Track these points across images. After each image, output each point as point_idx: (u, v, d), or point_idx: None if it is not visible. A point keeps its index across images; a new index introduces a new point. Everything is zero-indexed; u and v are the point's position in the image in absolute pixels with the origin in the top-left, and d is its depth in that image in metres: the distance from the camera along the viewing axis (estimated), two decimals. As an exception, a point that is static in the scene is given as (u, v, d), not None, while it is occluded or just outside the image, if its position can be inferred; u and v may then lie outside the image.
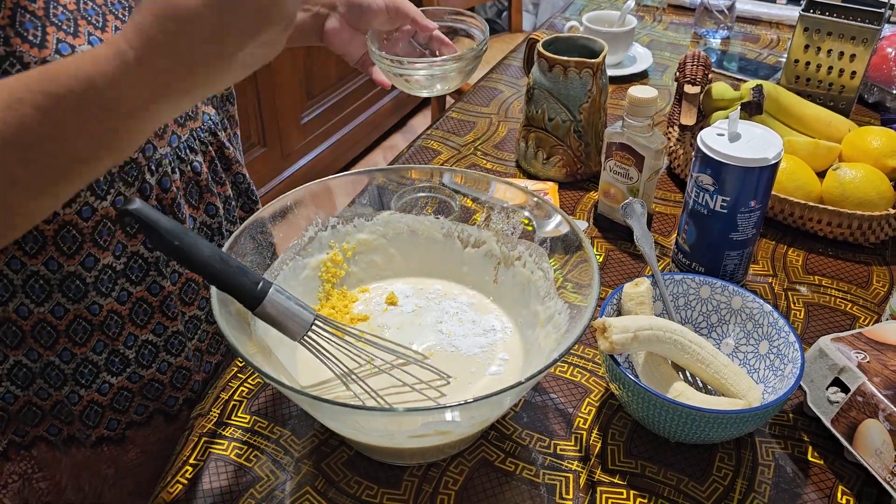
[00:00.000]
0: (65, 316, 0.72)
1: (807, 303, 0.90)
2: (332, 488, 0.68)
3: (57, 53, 0.60)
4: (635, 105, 0.90)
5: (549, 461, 0.71)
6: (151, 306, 0.76)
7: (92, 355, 0.74)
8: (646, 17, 1.72)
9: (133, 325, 0.76)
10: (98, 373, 0.75)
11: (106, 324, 0.74)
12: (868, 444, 0.66)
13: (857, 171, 0.98)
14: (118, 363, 0.76)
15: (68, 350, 0.73)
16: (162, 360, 0.79)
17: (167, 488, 0.68)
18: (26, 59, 0.59)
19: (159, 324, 0.78)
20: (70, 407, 0.76)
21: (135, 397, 0.79)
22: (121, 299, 0.74)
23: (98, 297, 0.72)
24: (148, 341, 0.77)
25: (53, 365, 0.74)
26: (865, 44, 1.17)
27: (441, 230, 0.82)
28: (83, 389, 0.75)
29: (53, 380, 0.74)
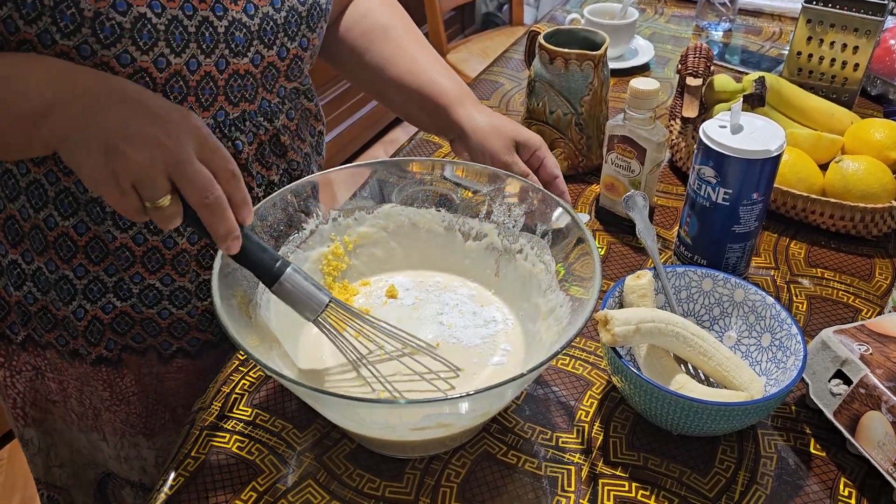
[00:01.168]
0: (86, 233, 0.76)
1: (809, 295, 0.90)
2: (333, 481, 0.68)
3: (112, 8, 0.63)
4: (637, 97, 0.90)
5: (552, 454, 0.71)
6: (164, 257, 0.79)
7: (103, 275, 0.79)
8: (647, 9, 1.71)
9: (142, 267, 0.79)
10: (105, 292, 0.80)
11: (117, 253, 0.78)
12: (870, 436, 0.66)
13: (859, 164, 0.98)
14: (125, 290, 0.80)
15: (83, 266, 0.78)
16: (164, 307, 0.83)
17: (169, 481, 0.68)
18: (82, 4, 0.62)
19: (167, 275, 0.81)
20: (76, 322, 0.82)
21: (134, 325, 0.83)
22: (136, 240, 0.77)
23: (114, 229, 0.76)
24: (153, 285, 0.81)
25: (67, 279, 0.79)
26: (868, 36, 1.17)
27: (442, 223, 0.82)
28: (89, 304, 0.81)
29: (65, 293, 0.80)
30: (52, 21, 0.62)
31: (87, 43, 0.64)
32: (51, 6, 0.62)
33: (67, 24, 0.63)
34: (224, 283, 0.64)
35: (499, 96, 1.34)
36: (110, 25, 0.64)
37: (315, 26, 0.80)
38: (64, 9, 0.62)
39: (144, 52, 0.66)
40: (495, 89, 1.36)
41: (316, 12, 0.79)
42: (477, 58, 2.47)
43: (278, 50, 0.77)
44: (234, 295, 0.66)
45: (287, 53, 0.78)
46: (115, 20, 0.64)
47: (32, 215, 0.76)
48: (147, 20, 0.65)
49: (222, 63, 0.72)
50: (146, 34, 0.66)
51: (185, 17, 0.68)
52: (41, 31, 0.63)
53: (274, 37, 0.75)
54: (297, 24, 0.77)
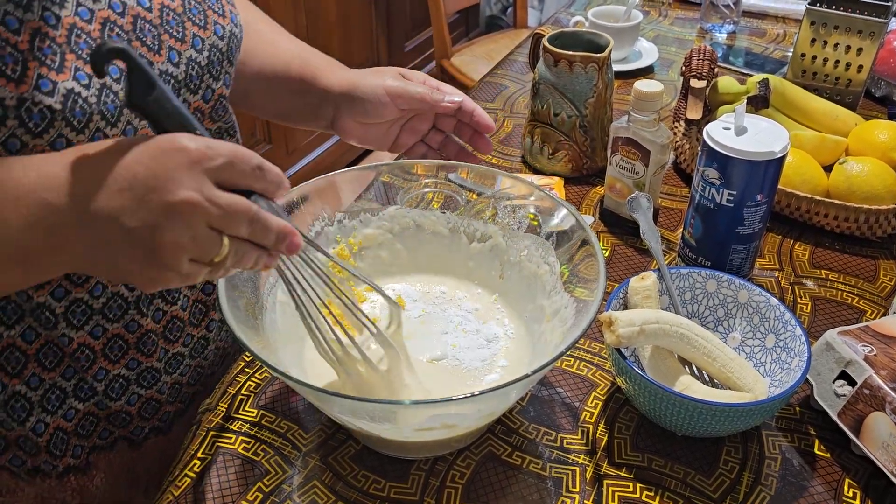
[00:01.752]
0: (36, 340, 0.68)
1: (813, 297, 0.90)
2: (339, 482, 0.68)
3: (36, 90, 0.56)
4: (641, 99, 0.90)
5: (556, 455, 0.71)
6: (127, 343, 0.73)
7: (61, 381, 0.71)
8: (651, 11, 1.72)
9: (105, 360, 0.72)
10: (65, 398, 0.72)
11: (75, 356, 0.70)
12: (875, 437, 0.66)
13: (863, 165, 0.98)
14: (86, 390, 0.73)
15: (37, 375, 0.69)
16: (132, 392, 0.76)
17: (175, 482, 0.69)
18: (1, 93, 0.55)
19: (133, 359, 0.74)
20: (35, 439, 0.72)
21: (100, 423, 0.76)
22: (94, 334, 0.70)
23: (68, 330, 0.69)
24: (119, 375, 0.74)
25: (20, 395, 0.69)
26: (872, 37, 1.17)
27: (447, 225, 0.82)
28: (49, 416, 0.71)
29: (18, 411, 0.70)
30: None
31: (14, 136, 0.56)
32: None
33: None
34: (230, 286, 0.64)
35: (503, 99, 1.34)
36: (38, 111, 0.56)
37: (234, 60, 0.76)
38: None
39: (80, 131, 0.59)
40: (499, 92, 1.37)
41: (234, 44, 0.75)
42: (481, 60, 2.48)
43: (203, 93, 0.72)
44: (241, 297, 0.66)
45: (212, 95, 0.73)
46: (42, 103, 0.56)
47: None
48: (77, 95, 0.58)
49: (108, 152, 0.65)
50: (79, 111, 0.58)
51: (112, 81, 0.61)
52: None
53: (199, 80, 0.71)
54: (219, 61, 0.73)
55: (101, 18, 0.61)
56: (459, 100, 0.78)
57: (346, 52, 2.74)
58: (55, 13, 0.58)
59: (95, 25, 0.61)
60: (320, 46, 0.92)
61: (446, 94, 0.78)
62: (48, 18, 0.57)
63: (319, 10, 2.52)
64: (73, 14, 0.59)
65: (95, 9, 0.61)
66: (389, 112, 0.79)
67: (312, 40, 2.50)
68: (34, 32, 0.56)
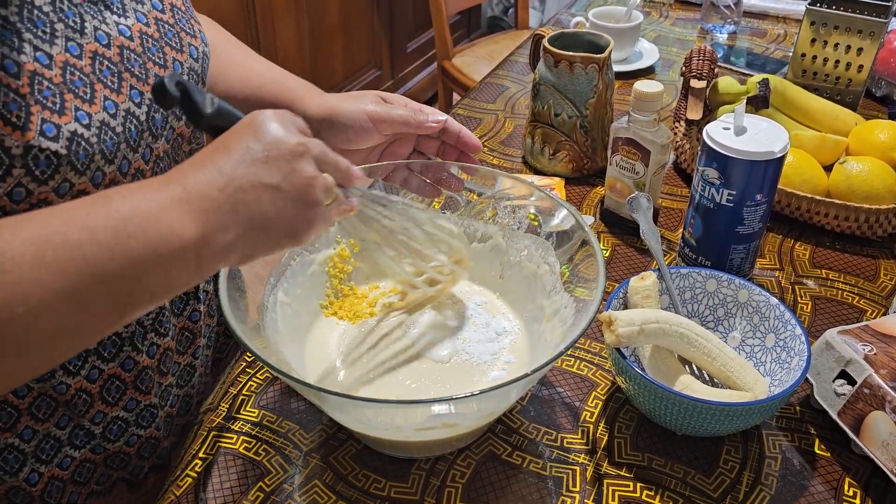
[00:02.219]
0: (27, 395, 0.66)
1: (814, 296, 0.90)
2: (340, 482, 0.69)
3: (42, 136, 0.55)
4: (641, 99, 0.90)
5: (556, 454, 0.71)
6: (125, 382, 0.72)
7: (55, 430, 0.69)
8: (652, 12, 1.72)
9: (102, 403, 0.71)
10: (60, 447, 0.70)
11: (73, 402, 0.69)
12: (875, 436, 0.66)
13: (864, 165, 0.98)
14: (83, 436, 0.71)
15: (30, 428, 0.67)
16: (131, 433, 0.75)
17: (177, 482, 0.69)
18: (7, 142, 0.53)
19: (132, 399, 0.73)
20: (29, 489, 0.69)
21: (97, 468, 0.74)
22: (90, 377, 0.69)
23: (65, 377, 0.67)
24: (118, 417, 0.73)
25: (12, 447, 0.67)
26: (872, 37, 1.17)
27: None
28: (43, 466, 0.69)
29: (11, 463, 0.68)
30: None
31: (20, 185, 0.55)
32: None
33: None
34: (232, 286, 0.65)
35: (504, 99, 1.34)
36: (45, 157, 0.55)
37: (206, 78, 0.76)
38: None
39: (82, 173, 0.58)
40: (501, 92, 1.37)
41: (206, 64, 0.75)
42: (483, 61, 2.48)
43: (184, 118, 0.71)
44: (242, 297, 0.66)
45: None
46: (48, 149, 0.55)
47: None
48: (80, 137, 0.57)
49: (147, 153, 0.66)
50: (82, 153, 0.58)
51: (109, 117, 0.60)
52: None
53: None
54: (196, 83, 0.72)
55: (90, 52, 0.60)
56: (444, 118, 0.77)
57: (347, 54, 2.74)
58: (46, 52, 0.56)
59: (86, 61, 0.59)
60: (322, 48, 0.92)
61: (430, 115, 0.76)
62: (41, 59, 0.55)
63: (321, 12, 2.53)
64: (63, 51, 0.57)
65: (83, 43, 0.59)
66: (372, 138, 0.77)
67: (315, 42, 2.51)
68: (32, 75, 0.55)
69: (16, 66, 0.54)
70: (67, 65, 0.57)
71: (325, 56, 2.59)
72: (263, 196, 0.53)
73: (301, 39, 2.45)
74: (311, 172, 0.55)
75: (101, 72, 0.60)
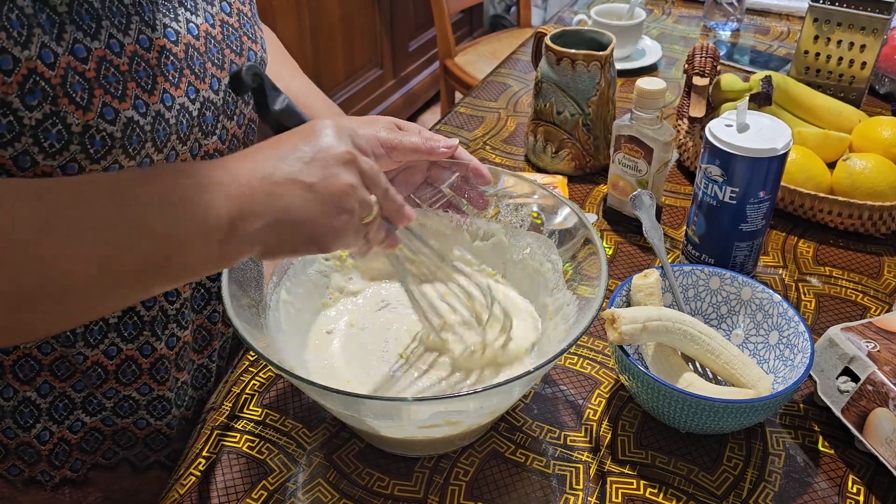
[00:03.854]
0: (51, 353, 0.69)
1: (817, 294, 0.90)
2: (343, 480, 0.69)
3: (100, 118, 0.58)
4: (643, 97, 0.90)
5: (560, 452, 0.71)
6: (140, 367, 0.73)
7: (71, 392, 0.72)
8: (655, 9, 1.72)
9: (116, 382, 0.73)
10: (73, 409, 0.73)
11: (88, 373, 0.71)
12: (878, 433, 0.66)
13: (867, 162, 0.98)
14: (95, 404, 0.73)
15: (48, 383, 0.70)
16: (140, 416, 0.76)
17: (180, 481, 0.69)
18: (69, 120, 0.56)
19: (145, 384, 0.75)
20: (38, 447, 0.72)
21: (105, 440, 0.76)
22: (109, 353, 0.71)
23: (84, 348, 0.70)
24: (129, 396, 0.74)
25: (29, 401, 0.70)
26: (875, 34, 1.17)
27: (450, 224, 0.83)
28: (55, 425, 0.72)
29: (26, 417, 0.71)
30: (33, 141, 0.56)
31: (74, 160, 0.58)
32: (32, 125, 0.55)
33: (53, 143, 0.57)
34: (234, 284, 0.65)
35: (506, 98, 1.34)
36: (101, 137, 0.58)
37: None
38: (49, 126, 0.56)
39: (132, 157, 0.61)
40: (503, 91, 1.37)
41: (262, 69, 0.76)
42: (485, 60, 2.48)
43: (238, 119, 0.74)
44: (244, 296, 0.67)
45: (244, 120, 0.75)
46: (105, 131, 0.58)
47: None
48: (135, 123, 0.60)
49: (196, 147, 0.68)
50: (135, 139, 0.61)
51: (164, 109, 0.63)
52: (19, 152, 0.56)
53: (235, 106, 0.73)
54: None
55: (158, 47, 0.63)
56: (454, 144, 0.77)
57: (349, 53, 2.74)
58: (119, 41, 0.59)
59: (153, 54, 0.62)
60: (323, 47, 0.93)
61: (441, 140, 0.77)
62: (113, 46, 0.58)
63: (322, 10, 2.53)
64: (134, 42, 0.60)
65: (153, 37, 0.62)
66: (383, 164, 0.76)
67: (316, 41, 2.51)
68: (100, 61, 0.57)
69: (86, 50, 0.57)
70: (136, 55, 0.60)
71: (326, 55, 2.59)
72: (296, 192, 0.54)
73: (302, 38, 2.45)
74: (350, 181, 0.55)
75: (165, 66, 0.63)
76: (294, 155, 0.55)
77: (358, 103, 2.84)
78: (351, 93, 2.79)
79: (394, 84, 3.05)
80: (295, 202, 0.54)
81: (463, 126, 1.25)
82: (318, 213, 0.54)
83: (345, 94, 2.76)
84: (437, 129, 1.24)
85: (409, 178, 0.81)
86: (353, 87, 2.81)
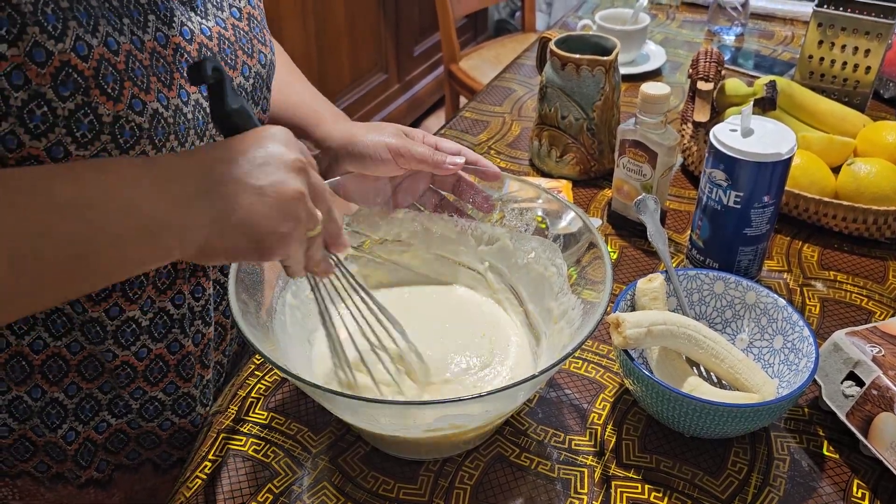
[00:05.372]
0: (80, 352, 0.70)
1: (822, 298, 0.90)
2: (349, 483, 0.69)
3: (129, 109, 0.59)
4: (648, 102, 0.91)
5: (564, 456, 0.71)
6: (168, 364, 0.74)
7: (97, 393, 0.73)
8: (659, 14, 1.72)
9: (144, 381, 0.74)
10: (99, 410, 0.74)
11: (116, 372, 0.72)
12: (883, 438, 0.66)
13: (871, 166, 0.98)
14: (121, 406, 0.74)
15: (75, 384, 0.72)
16: (166, 417, 0.77)
17: (186, 483, 0.69)
18: (101, 110, 0.58)
19: (171, 383, 0.76)
20: (65, 446, 0.74)
21: (130, 442, 0.77)
22: (139, 355, 0.72)
23: (115, 347, 0.70)
24: (155, 398, 0.75)
25: (56, 402, 0.72)
26: (880, 39, 1.17)
27: (455, 228, 0.83)
28: (81, 426, 0.73)
29: (53, 418, 0.72)
30: (66, 132, 0.57)
31: (105, 150, 0.59)
32: (65, 116, 0.56)
33: (85, 134, 0.58)
34: (241, 288, 0.65)
35: (511, 102, 1.35)
36: (130, 128, 0.60)
37: (270, 86, 0.78)
38: (81, 117, 0.57)
39: (158, 148, 0.62)
40: (507, 95, 1.37)
41: (272, 72, 0.78)
42: (490, 64, 2.48)
43: None
44: (251, 299, 0.67)
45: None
46: (133, 122, 0.60)
47: (13, 342, 0.68)
48: (160, 115, 0.62)
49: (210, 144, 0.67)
50: (161, 130, 0.62)
51: (182, 104, 0.64)
52: (52, 143, 0.57)
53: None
54: (259, 88, 0.75)
55: (174, 44, 0.64)
56: (462, 161, 0.78)
57: (354, 58, 2.75)
58: (140, 37, 0.61)
59: (169, 50, 0.64)
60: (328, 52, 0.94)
61: (448, 155, 0.77)
62: (135, 42, 0.60)
63: (328, 15, 2.53)
64: (153, 39, 0.62)
65: (170, 35, 0.64)
66: (390, 169, 0.78)
67: (321, 46, 2.52)
68: (127, 54, 0.59)
69: (116, 44, 0.58)
70: (154, 51, 0.62)
71: (331, 60, 2.60)
72: (242, 194, 0.53)
73: (308, 43, 2.46)
74: (300, 188, 0.55)
75: (180, 63, 0.65)
76: (244, 158, 0.54)
77: (363, 108, 2.84)
78: (356, 97, 2.80)
79: (398, 88, 3.05)
80: (236, 202, 0.53)
81: (467, 130, 1.25)
82: (265, 216, 0.54)
83: (350, 99, 2.77)
84: (442, 134, 1.24)
85: (412, 185, 0.82)
86: (357, 92, 2.81)
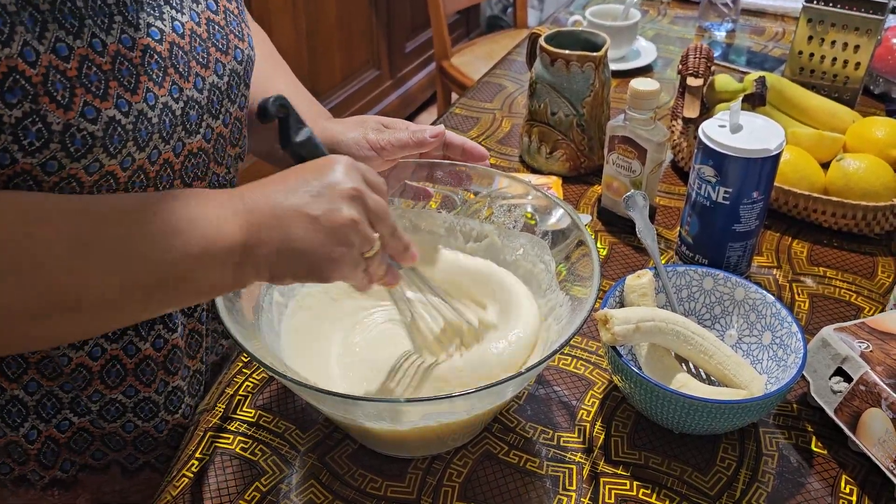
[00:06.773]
0: (37, 352, 0.69)
1: (811, 294, 0.90)
2: (336, 481, 0.68)
3: (81, 117, 0.58)
4: (637, 98, 0.90)
5: (553, 453, 0.71)
6: (125, 368, 0.72)
7: (58, 391, 0.72)
8: (650, 10, 1.72)
9: (101, 384, 0.72)
10: (61, 408, 0.72)
11: (73, 374, 0.71)
12: (871, 434, 0.66)
13: (861, 162, 0.98)
14: (82, 406, 0.73)
15: (35, 381, 0.70)
16: (128, 419, 0.75)
17: (173, 482, 0.69)
18: (50, 118, 0.56)
19: (131, 386, 0.73)
20: (27, 446, 0.72)
21: (94, 441, 0.75)
22: (93, 354, 0.70)
23: (68, 349, 0.69)
24: (114, 399, 0.73)
25: (16, 400, 0.70)
26: (869, 34, 1.17)
27: (444, 224, 0.83)
28: (43, 424, 0.72)
29: (14, 416, 0.71)
30: (13, 139, 0.56)
31: (54, 158, 0.58)
32: (11, 124, 0.55)
33: (33, 142, 0.56)
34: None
35: (501, 98, 1.34)
36: (81, 136, 0.58)
37: (249, 82, 0.77)
38: (28, 125, 0.56)
39: (113, 156, 0.61)
40: (498, 91, 1.37)
41: (249, 67, 0.76)
42: (482, 61, 2.48)
43: (223, 118, 0.73)
44: (237, 298, 0.66)
45: (230, 119, 0.74)
46: (86, 130, 0.58)
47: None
48: (117, 123, 0.60)
49: (179, 146, 0.68)
50: (116, 138, 0.60)
51: (147, 108, 0.63)
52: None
53: (220, 105, 0.72)
54: (236, 85, 0.74)
55: (142, 46, 0.62)
56: (441, 129, 0.79)
57: (345, 54, 2.74)
58: (102, 40, 0.59)
59: (136, 53, 0.62)
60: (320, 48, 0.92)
61: (427, 130, 0.78)
62: (95, 45, 0.58)
63: (319, 12, 2.53)
64: (116, 42, 0.60)
65: (136, 37, 0.62)
66: (376, 165, 0.78)
67: (312, 42, 2.51)
68: (82, 59, 0.58)
69: (68, 49, 0.57)
70: (118, 55, 0.60)
71: (323, 56, 2.59)
72: (300, 223, 0.57)
73: (299, 40, 2.45)
74: (352, 215, 0.58)
75: (149, 65, 0.63)
76: (303, 188, 0.58)
77: (355, 104, 2.83)
78: (348, 94, 2.79)
79: (390, 85, 3.05)
80: (295, 232, 0.57)
81: (458, 127, 1.25)
82: (318, 243, 0.57)
83: (342, 96, 2.76)
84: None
85: (401, 174, 0.82)
86: (349, 89, 2.80)
